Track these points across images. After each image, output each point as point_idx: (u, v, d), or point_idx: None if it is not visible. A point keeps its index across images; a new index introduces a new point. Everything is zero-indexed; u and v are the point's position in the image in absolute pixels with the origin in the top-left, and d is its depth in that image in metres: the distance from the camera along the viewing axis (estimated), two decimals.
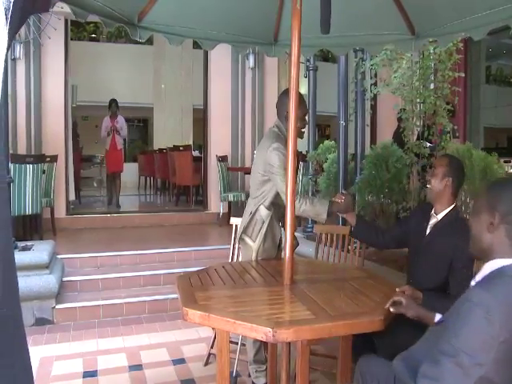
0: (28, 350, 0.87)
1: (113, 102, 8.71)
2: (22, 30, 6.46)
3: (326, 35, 3.30)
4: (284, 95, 2.79)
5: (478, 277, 1.57)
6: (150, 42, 11.71)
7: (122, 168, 8.95)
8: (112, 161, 8.80)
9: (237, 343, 3.33)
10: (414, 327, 2.45)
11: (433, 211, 2.62)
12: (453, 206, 2.58)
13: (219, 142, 7.91)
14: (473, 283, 1.59)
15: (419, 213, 2.78)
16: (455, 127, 4.74)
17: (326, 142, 5.90)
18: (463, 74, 4.92)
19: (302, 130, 2.78)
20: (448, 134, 4.57)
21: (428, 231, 2.62)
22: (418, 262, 2.64)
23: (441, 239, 2.52)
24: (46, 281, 4.29)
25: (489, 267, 1.54)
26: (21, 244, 4.63)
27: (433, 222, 2.61)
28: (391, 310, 2.00)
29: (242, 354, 3.30)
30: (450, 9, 2.94)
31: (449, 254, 2.45)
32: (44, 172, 6.05)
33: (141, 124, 18.43)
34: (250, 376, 3.13)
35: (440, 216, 2.58)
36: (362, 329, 1.96)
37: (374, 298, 2.16)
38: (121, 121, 8.66)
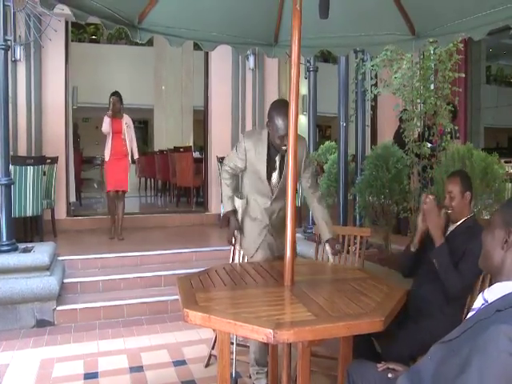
0: None
1: (115, 95, 6.54)
2: (23, 32, 6.48)
3: (326, 35, 3.32)
4: (272, 105, 2.90)
5: (488, 296, 1.52)
6: (150, 43, 11.72)
7: (127, 185, 6.35)
8: (113, 175, 6.23)
9: (238, 344, 3.33)
10: (414, 329, 2.47)
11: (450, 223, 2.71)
12: (471, 214, 2.69)
13: (220, 143, 7.91)
14: (480, 300, 1.56)
15: None
16: (456, 127, 4.73)
17: (327, 143, 5.91)
18: (464, 75, 4.92)
19: (283, 147, 2.78)
20: (448, 135, 4.57)
21: (446, 235, 2.68)
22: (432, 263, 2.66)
23: (457, 239, 2.60)
24: (47, 282, 4.29)
25: (500, 290, 1.48)
26: (21, 246, 4.63)
27: (451, 229, 2.69)
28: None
29: (242, 355, 3.30)
30: (450, 9, 2.94)
31: (464, 245, 2.51)
32: (44, 174, 6.05)
33: (141, 125, 18.44)
34: (250, 377, 3.13)
35: (458, 223, 2.67)
36: (362, 330, 1.95)
37: (374, 299, 2.15)
38: (128, 122, 6.36)
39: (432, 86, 4.69)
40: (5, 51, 4.46)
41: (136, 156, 6.40)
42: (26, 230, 5.97)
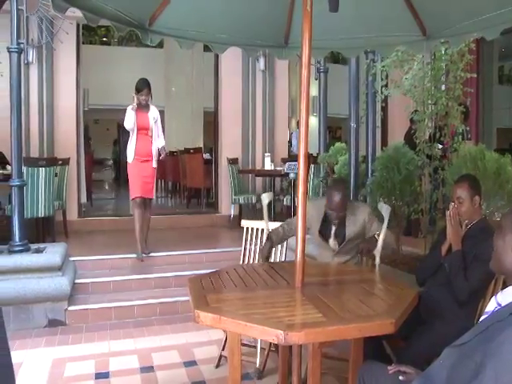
0: (9, 348, 0.86)
1: (143, 82, 5.29)
2: (35, 35, 6.55)
3: (336, 37, 3.32)
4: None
5: (501, 299, 1.52)
6: (160, 45, 11.75)
7: (153, 192, 5.49)
8: (139, 179, 5.23)
9: (248, 345, 3.34)
10: (427, 332, 2.45)
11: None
12: (481, 216, 2.70)
13: (230, 145, 7.93)
14: (493, 303, 1.55)
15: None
16: (467, 128, 4.69)
17: (337, 144, 5.88)
18: (475, 75, 4.88)
19: (334, 221, 3.18)
20: (460, 136, 4.53)
21: None
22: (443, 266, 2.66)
23: (470, 241, 2.59)
24: (59, 283, 4.32)
25: None
26: (34, 246, 4.67)
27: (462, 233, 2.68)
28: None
29: (251, 356, 3.31)
30: (461, 9, 2.92)
31: (475, 247, 2.52)
32: (56, 175, 6.10)
33: None
34: (259, 378, 3.14)
35: (468, 227, 2.67)
36: (373, 331, 1.94)
37: (386, 301, 2.15)
38: (155, 115, 5.35)
39: (443, 87, 4.66)
40: (18, 54, 4.51)
41: (163, 154, 5.45)
42: (38, 231, 6.01)
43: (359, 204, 3.50)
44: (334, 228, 3.23)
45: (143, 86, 5.16)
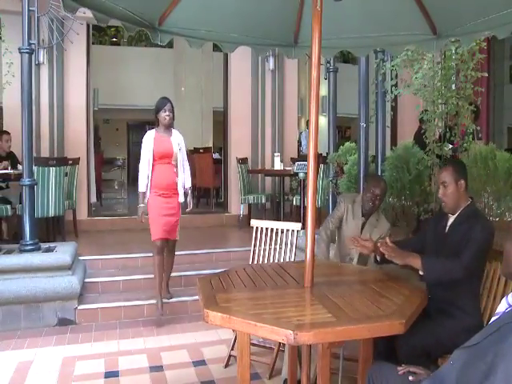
0: None
1: (164, 98, 4.48)
2: (46, 36, 6.59)
3: (346, 36, 3.30)
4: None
5: None
6: (170, 44, 11.78)
7: (176, 232, 4.51)
8: (160, 218, 4.31)
9: (257, 345, 3.34)
10: (429, 323, 2.44)
11: (449, 214, 2.65)
12: (468, 202, 2.62)
13: (239, 144, 7.93)
14: (504, 304, 1.53)
15: (435, 219, 2.84)
16: (478, 128, 4.65)
17: (347, 144, 5.85)
18: (486, 74, 4.84)
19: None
20: (470, 135, 4.50)
21: (447, 229, 2.64)
22: (440, 255, 2.62)
23: (458, 230, 2.55)
24: (69, 282, 4.35)
25: None
26: (44, 245, 4.70)
27: (450, 221, 2.64)
28: (387, 255, 2.47)
29: (263, 356, 3.31)
30: (472, 7, 2.89)
31: (465, 236, 2.47)
32: (66, 174, 6.13)
33: None
34: (269, 378, 3.14)
35: (456, 214, 2.62)
36: (382, 332, 1.93)
37: (395, 301, 2.13)
38: (180, 141, 4.49)
39: (453, 86, 4.62)
40: (29, 55, 4.54)
41: (188, 185, 4.50)
42: (49, 230, 6.06)
43: (383, 217, 3.61)
44: (362, 220, 3.53)
45: (164, 102, 4.37)
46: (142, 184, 4.29)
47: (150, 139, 4.31)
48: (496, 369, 1.29)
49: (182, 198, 4.42)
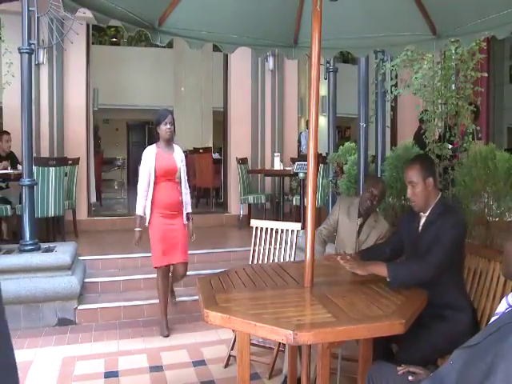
0: (12, 348, 0.86)
1: (165, 110, 4.20)
2: (46, 36, 6.59)
3: (346, 36, 3.31)
4: None
5: None
6: (169, 45, 11.79)
7: (187, 253, 4.12)
8: (164, 241, 3.97)
9: (257, 345, 3.34)
10: (424, 332, 2.42)
11: (421, 213, 2.61)
12: (438, 197, 2.56)
13: (239, 145, 7.94)
14: (504, 304, 1.53)
15: (407, 218, 2.78)
16: (478, 128, 4.65)
17: (347, 144, 5.85)
18: (486, 74, 4.84)
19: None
20: (470, 135, 4.50)
21: (420, 229, 2.61)
22: (414, 255, 2.61)
23: (431, 228, 2.51)
24: (69, 282, 4.35)
25: None
26: (44, 245, 4.71)
27: (423, 220, 2.60)
28: (348, 267, 2.42)
29: (263, 356, 3.31)
30: (472, 7, 2.89)
31: (437, 233, 2.44)
32: (66, 174, 6.14)
33: None
34: (269, 378, 3.14)
35: (427, 212, 2.57)
36: (382, 332, 1.93)
37: (394, 301, 2.14)
38: (181, 155, 4.20)
39: (453, 86, 4.62)
40: (29, 55, 4.54)
41: (189, 209, 4.14)
42: (48, 230, 6.06)
43: (382, 218, 3.59)
44: (359, 221, 3.50)
45: (165, 114, 4.04)
46: (140, 205, 3.94)
47: (151, 155, 3.95)
48: (496, 369, 1.29)
49: (185, 219, 4.08)
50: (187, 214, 4.09)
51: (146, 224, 3.92)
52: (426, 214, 2.57)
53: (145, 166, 3.94)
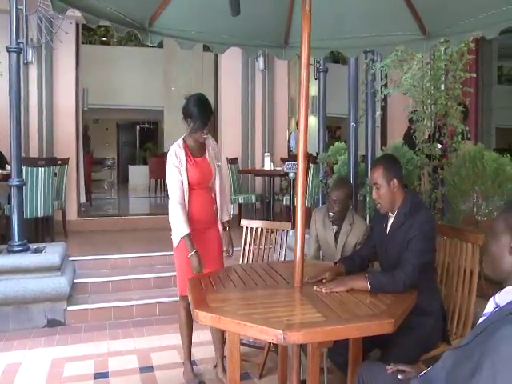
0: None
1: (211, 114, 3.29)
2: (35, 35, 6.54)
3: (336, 37, 3.31)
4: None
5: (499, 300, 1.50)
6: (160, 45, 11.76)
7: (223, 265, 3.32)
8: (203, 251, 3.12)
9: (248, 345, 3.34)
10: (404, 337, 2.42)
11: (389, 213, 2.61)
12: (404, 197, 2.54)
13: (229, 145, 7.93)
14: (492, 304, 1.54)
15: (377, 219, 2.78)
16: (467, 128, 4.68)
17: (337, 144, 5.87)
18: (475, 75, 4.88)
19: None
20: (459, 135, 4.53)
21: (388, 230, 2.60)
22: (385, 257, 2.61)
23: (399, 230, 2.50)
24: (58, 283, 4.32)
25: (511, 294, 1.48)
26: (33, 246, 4.67)
27: (390, 221, 2.60)
28: (324, 291, 2.23)
29: (253, 356, 3.31)
30: (461, 7, 2.90)
31: (406, 236, 2.43)
32: (55, 175, 6.10)
33: (151, 126, 18.52)
34: (260, 378, 3.14)
35: (395, 213, 2.56)
36: (372, 331, 1.94)
37: (384, 301, 2.15)
38: (214, 145, 3.37)
39: (443, 87, 4.65)
40: (17, 54, 4.51)
41: (226, 217, 3.41)
42: (37, 231, 6.02)
43: (359, 219, 3.44)
44: (335, 229, 3.37)
45: (209, 116, 3.25)
46: (181, 222, 3.08)
47: (180, 159, 3.12)
48: (482, 366, 1.31)
49: (221, 228, 3.37)
50: (224, 221, 3.38)
51: (174, 245, 3.22)
52: (394, 216, 2.56)
53: (174, 172, 3.12)
